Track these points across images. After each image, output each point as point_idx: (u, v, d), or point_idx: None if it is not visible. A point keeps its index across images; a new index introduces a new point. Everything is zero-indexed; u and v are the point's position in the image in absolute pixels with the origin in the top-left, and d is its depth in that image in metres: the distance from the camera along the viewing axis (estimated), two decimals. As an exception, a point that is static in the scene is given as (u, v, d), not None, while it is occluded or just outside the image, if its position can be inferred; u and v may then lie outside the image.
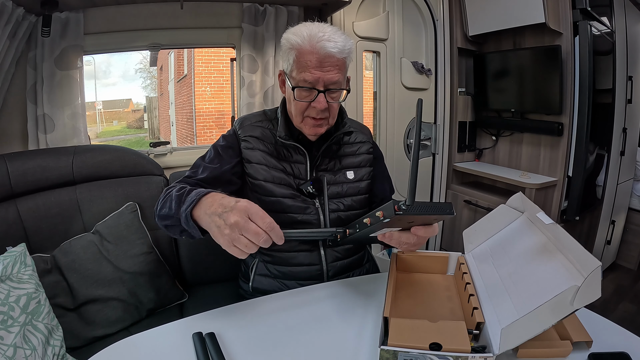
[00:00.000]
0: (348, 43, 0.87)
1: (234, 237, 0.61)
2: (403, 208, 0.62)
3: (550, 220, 0.69)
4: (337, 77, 0.86)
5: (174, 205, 0.76)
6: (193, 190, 0.75)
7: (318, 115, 0.88)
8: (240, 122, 0.99)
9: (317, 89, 0.85)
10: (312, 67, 0.83)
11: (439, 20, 2.31)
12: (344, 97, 0.91)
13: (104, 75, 6.69)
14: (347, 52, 0.86)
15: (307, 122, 0.91)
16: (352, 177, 1.00)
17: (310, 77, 0.84)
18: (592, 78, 1.89)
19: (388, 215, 0.64)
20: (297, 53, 0.85)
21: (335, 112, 0.92)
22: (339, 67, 0.86)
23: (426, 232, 0.69)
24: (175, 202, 0.75)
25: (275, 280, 0.99)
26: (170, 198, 0.79)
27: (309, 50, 0.83)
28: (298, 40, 0.84)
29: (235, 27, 1.77)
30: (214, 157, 0.95)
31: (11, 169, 1.14)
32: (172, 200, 0.77)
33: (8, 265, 0.88)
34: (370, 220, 0.68)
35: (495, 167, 2.45)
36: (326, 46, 0.82)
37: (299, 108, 0.89)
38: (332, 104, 0.88)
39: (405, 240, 0.70)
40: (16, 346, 0.78)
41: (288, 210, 0.93)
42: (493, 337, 0.58)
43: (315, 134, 0.93)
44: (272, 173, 0.94)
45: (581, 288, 0.51)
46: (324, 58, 0.83)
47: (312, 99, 0.86)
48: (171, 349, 0.66)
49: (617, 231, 2.55)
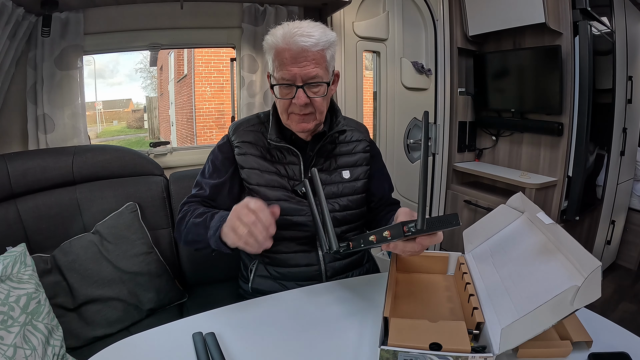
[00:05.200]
0: (326, 36, 0.85)
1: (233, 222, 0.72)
2: (412, 230, 0.62)
3: (550, 220, 0.69)
4: (315, 71, 0.85)
5: (201, 231, 0.83)
6: (215, 214, 0.83)
7: (301, 111, 0.88)
8: (234, 128, 1.00)
9: (296, 85, 0.85)
10: (288, 64, 0.83)
11: (439, 20, 2.31)
12: (325, 91, 0.88)
13: (110, 74, 6.69)
14: (323, 44, 0.85)
15: (293, 119, 0.91)
16: (348, 176, 0.99)
17: (287, 74, 0.84)
18: (592, 78, 1.89)
19: (396, 236, 0.64)
20: (274, 52, 0.85)
21: (320, 107, 0.90)
22: (316, 61, 0.85)
23: (431, 241, 0.68)
24: (202, 228, 0.83)
25: (274, 281, 0.98)
26: (192, 226, 0.87)
27: (283, 48, 0.83)
28: (274, 40, 0.85)
29: (235, 27, 1.77)
30: (213, 172, 0.98)
31: (11, 169, 1.14)
32: (196, 226, 0.85)
33: (8, 265, 0.88)
34: (377, 237, 0.68)
35: (495, 167, 2.45)
36: (298, 41, 0.82)
37: (283, 106, 0.89)
38: (314, 98, 0.87)
39: (410, 249, 0.70)
40: (16, 346, 0.78)
41: (283, 213, 0.92)
42: (493, 337, 0.58)
43: (302, 130, 0.92)
44: (265, 177, 0.95)
45: (581, 288, 0.51)
46: (298, 53, 0.83)
47: (293, 96, 0.86)
48: (171, 349, 0.66)
49: (617, 231, 2.55)
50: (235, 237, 0.71)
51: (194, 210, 0.91)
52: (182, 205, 0.97)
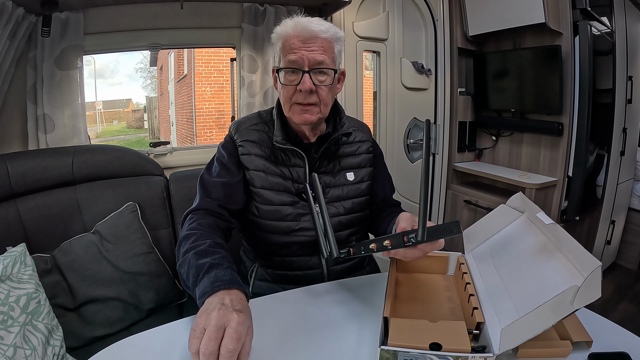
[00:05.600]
0: (334, 29, 0.86)
1: (192, 335, 0.56)
2: (412, 241, 0.64)
3: (550, 220, 0.69)
4: (323, 57, 0.84)
5: (191, 277, 0.69)
6: (213, 269, 0.67)
7: (305, 99, 0.85)
8: (235, 127, 0.96)
9: (302, 70, 0.84)
10: (296, 47, 0.83)
11: (439, 20, 2.31)
12: (331, 81, 0.87)
13: (111, 74, 6.68)
14: (332, 34, 0.85)
15: (295, 110, 0.87)
16: (353, 178, 0.97)
17: (294, 56, 0.83)
18: (592, 78, 1.89)
19: (396, 246, 0.66)
20: (282, 40, 0.86)
21: (325, 99, 0.87)
22: (324, 48, 0.85)
23: (432, 247, 0.68)
24: (193, 276, 0.69)
25: (275, 284, 0.97)
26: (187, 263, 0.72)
27: (293, 34, 0.84)
28: (283, 28, 0.86)
29: (235, 27, 1.78)
30: (221, 170, 0.92)
31: (11, 169, 1.14)
32: (189, 267, 0.71)
33: (8, 265, 0.88)
34: (377, 246, 0.69)
35: (495, 167, 2.45)
36: (309, 26, 0.83)
37: (287, 94, 0.87)
38: (320, 87, 0.85)
39: (411, 255, 0.69)
40: (16, 346, 0.78)
41: (285, 219, 0.91)
42: (493, 337, 0.58)
43: (304, 122, 0.88)
44: (269, 179, 0.91)
45: (581, 288, 0.51)
46: (307, 38, 0.83)
47: (298, 82, 0.84)
48: (171, 349, 0.66)
49: (617, 231, 2.55)
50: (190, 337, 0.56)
51: (197, 238, 0.77)
52: (189, 217, 0.86)
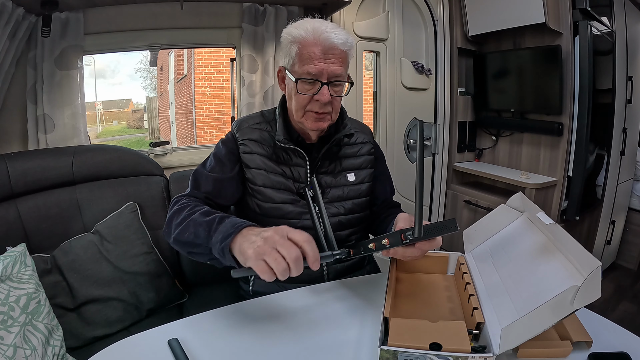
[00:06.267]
0: (350, 37, 0.87)
1: (265, 249, 0.60)
2: (410, 238, 0.66)
3: (550, 220, 0.69)
4: (340, 70, 0.85)
5: (201, 232, 0.72)
6: (225, 219, 0.72)
7: (321, 109, 0.86)
8: (238, 125, 0.96)
9: (321, 81, 0.84)
10: (316, 58, 0.82)
11: (439, 20, 2.31)
12: (346, 91, 0.89)
13: (111, 74, 6.68)
14: (349, 45, 0.86)
15: (309, 117, 0.88)
16: (353, 179, 0.98)
17: (314, 69, 0.82)
18: (592, 78, 1.89)
19: (394, 244, 0.69)
20: (299, 46, 0.83)
21: (337, 107, 0.90)
22: (342, 60, 0.85)
23: (430, 246, 0.69)
24: (204, 230, 0.72)
25: (275, 283, 0.97)
26: (192, 223, 0.75)
27: (313, 42, 0.82)
28: (301, 33, 0.83)
29: (235, 27, 1.78)
30: (215, 165, 0.93)
31: (11, 169, 1.14)
32: (196, 225, 0.74)
33: (8, 265, 0.88)
34: (376, 245, 0.71)
35: (495, 167, 2.45)
36: (330, 37, 0.82)
37: (301, 102, 0.87)
38: (335, 97, 0.87)
39: (410, 254, 0.70)
40: (16, 346, 0.78)
41: (287, 216, 0.92)
42: (493, 337, 0.58)
43: (317, 128, 0.89)
44: (271, 178, 0.92)
45: (581, 288, 0.51)
46: (328, 50, 0.82)
47: (316, 92, 0.84)
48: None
49: (617, 231, 2.55)
50: (261, 266, 0.60)
51: (193, 207, 0.81)
52: (177, 199, 0.88)
